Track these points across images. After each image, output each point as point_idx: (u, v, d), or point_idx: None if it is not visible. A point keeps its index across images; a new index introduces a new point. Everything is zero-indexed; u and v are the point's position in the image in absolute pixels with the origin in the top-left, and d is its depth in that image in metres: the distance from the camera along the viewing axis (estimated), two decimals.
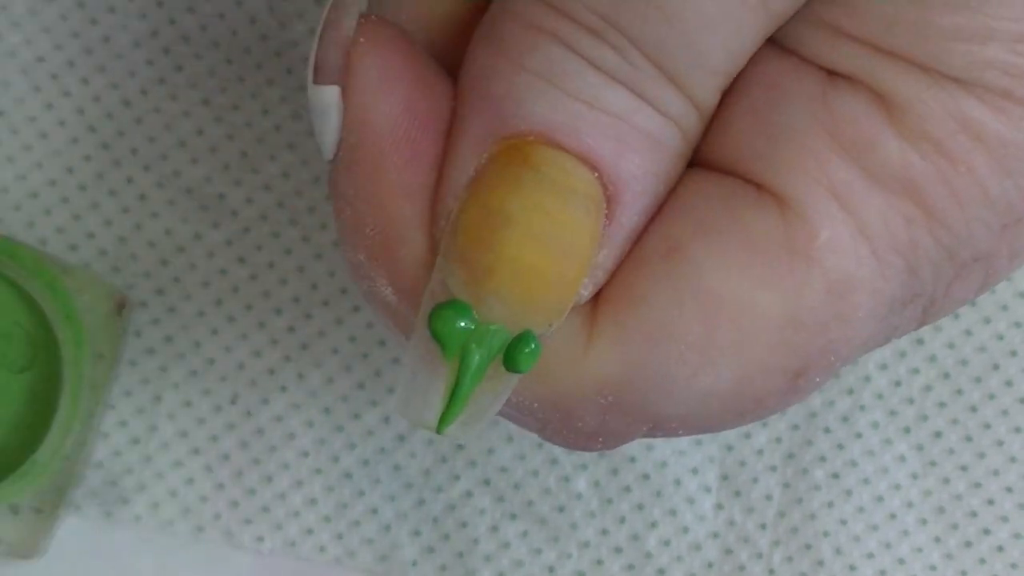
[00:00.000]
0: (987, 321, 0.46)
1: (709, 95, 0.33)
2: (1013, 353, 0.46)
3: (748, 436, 0.46)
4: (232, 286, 0.46)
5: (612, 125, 0.32)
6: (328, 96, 0.34)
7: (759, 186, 0.33)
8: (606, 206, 0.33)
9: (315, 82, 0.34)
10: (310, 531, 0.46)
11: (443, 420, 0.33)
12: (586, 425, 0.34)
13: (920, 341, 0.46)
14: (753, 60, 0.33)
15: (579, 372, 0.34)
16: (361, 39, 0.34)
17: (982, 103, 0.33)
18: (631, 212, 0.33)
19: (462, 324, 0.32)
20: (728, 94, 0.34)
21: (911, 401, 0.46)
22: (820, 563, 0.46)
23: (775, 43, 0.34)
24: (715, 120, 0.34)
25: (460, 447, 0.46)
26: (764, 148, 0.33)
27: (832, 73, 0.33)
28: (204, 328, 0.46)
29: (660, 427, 0.35)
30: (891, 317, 0.34)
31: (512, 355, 0.33)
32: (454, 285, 0.32)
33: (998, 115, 0.33)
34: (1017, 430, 0.46)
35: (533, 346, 0.33)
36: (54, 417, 0.42)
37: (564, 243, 0.32)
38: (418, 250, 0.34)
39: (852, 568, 0.46)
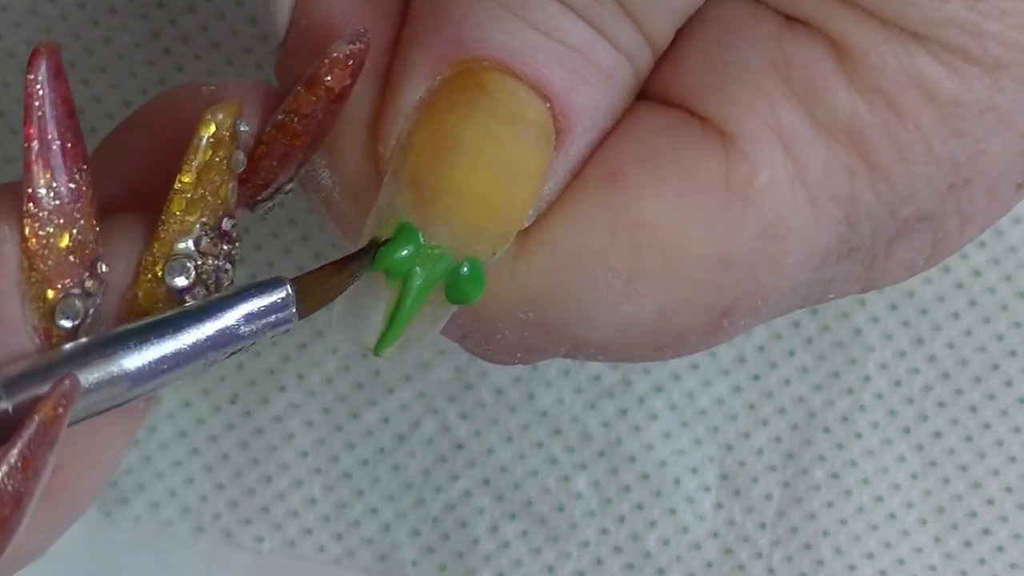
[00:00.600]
0: (987, 321, 0.46)
1: (665, 32, 0.33)
2: (1013, 353, 0.46)
3: (748, 436, 0.46)
4: None
5: (568, 57, 0.33)
6: None
7: (705, 121, 0.33)
8: (555, 137, 0.33)
9: None
10: (309, 531, 0.46)
11: (382, 342, 0.33)
12: (505, 339, 0.35)
13: (920, 341, 0.46)
14: None
15: (504, 285, 0.34)
16: None
17: (937, 61, 0.32)
18: (579, 144, 0.33)
19: (407, 250, 0.33)
20: (682, 30, 0.34)
21: (911, 401, 0.46)
22: (820, 563, 0.46)
23: None
24: (667, 54, 0.34)
25: (460, 447, 0.46)
26: (715, 84, 0.33)
27: (790, 18, 0.33)
28: None
29: (579, 350, 0.35)
30: (824, 268, 0.34)
31: (459, 285, 0.33)
32: (402, 205, 0.33)
33: (952, 74, 0.33)
34: (1017, 430, 0.46)
35: (479, 277, 0.33)
36: None
37: (514, 172, 0.33)
38: (361, 131, 0.34)
39: (852, 568, 0.46)
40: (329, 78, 0.33)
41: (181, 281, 0.32)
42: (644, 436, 0.46)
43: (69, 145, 0.30)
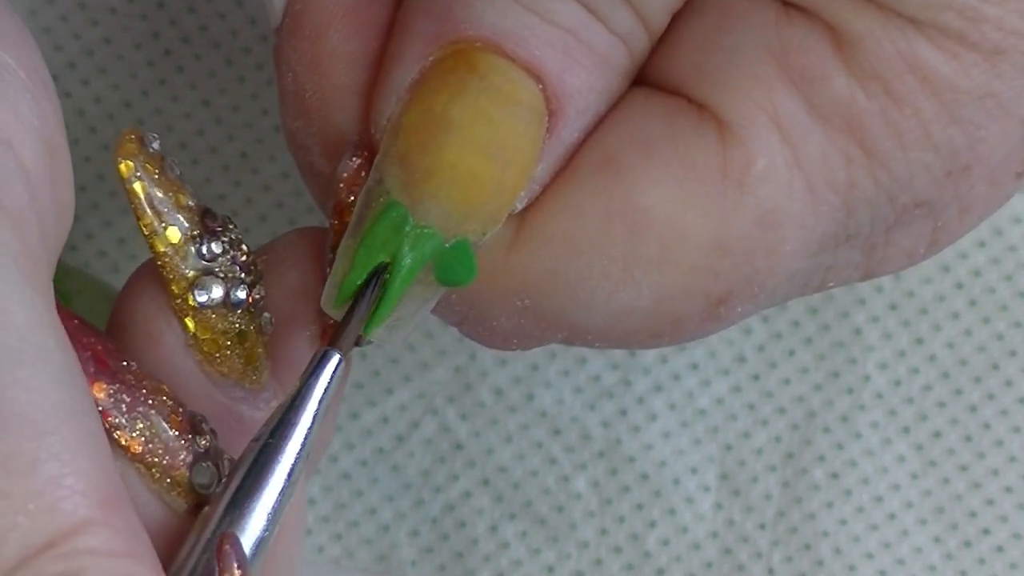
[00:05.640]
0: (987, 321, 0.46)
1: (660, 16, 0.33)
2: (1012, 353, 0.46)
3: (747, 436, 0.46)
4: None
5: (561, 38, 0.33)
6: None
7: (702, 107, 0.33)
8: (548, 119, 0.33)
9: None
10: (308, 531, 0.46)
11: (370, 322, 0.33)
12: (501, 325, 0.35)
13: (920, 341, 0.46)
14: None
15: (499, 273, 0.34)
16: None
17: (935, 46, 0.32)
18: (572, 128, 0.33)
19: (396, 230, 0.33)
20: (680, 15, 0.34)
21: (911, 401, 0.46)
22: (819, 563, 0.46)
23: None
24: (665, 40, 0.34)
25: (459, 447, 0.46)
26: (712, 70, 0.33)
27: (787, 4, 0.33)
28: None
29: (576, 336, 0.35)
30: (822, 255, 0.34)
31: (448, 266, 0.33)
32: (392, 185, 0.33)
33: (950, 60, 0.32)
34: (1016, 430, 0.46)
35: (468, 258, 0.33)
36: None
37: (505, 152, 0.32)
38: (353, 118, 0.34)
39: (851, 568, 0.46)
40: (352, 198, 0.33)
41: (217, 291, 0.33)
42: (644, 436, 0.46)
43: (103, 354, 0.31)
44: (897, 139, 0.33)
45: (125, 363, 0.32)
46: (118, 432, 0.31)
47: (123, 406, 0.31)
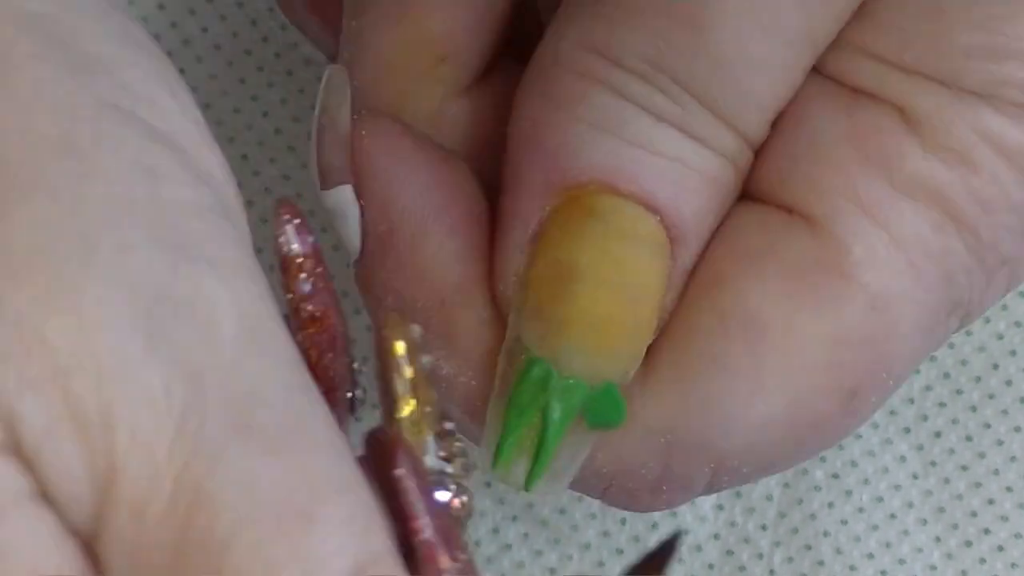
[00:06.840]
0: (987, 321, 0.46)
1: (759, 129, 0.34)
2: (1012, 353, 0.46)
3: None
4: None
5: (669, 168, 0.33)
6: (342, 196, 0.35)
7: (790, 209, 0.34)
8: (669, 247, 0.33)
9: (323, 188, 0.35)
10: None
11: (530, 477, 0.34)
12: (650, 472, 0.35)
13: None
14: None
15: (637, 411, 0.34)
16: (363, 132, 0.34)
17: (1001, 114, 0.33)
18: (691, 251, 0.34)
19: (541, 385, 0.33)
20: None
21: (911, 401, 0.46)
22: (820, 563, 0.46)
23: None
24: None
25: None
26: (790, 169, 0.34)
27: (855, 91, 0.34)
28: None
29: (723, 466, 0.35)
30: (938, 328, 0.35)
31: (598, 411, 0.33)
32: (530, 340, 0.33)
33: (1017, 124, 0.33)
34: (1017, 429, 0.46)
35: (616, 399, 0.33)
36: None
37: (635, 289, 0.33)
38: (480, 310, 0.34)
39: (852, 568, 0.46)
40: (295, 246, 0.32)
41: (443, 496, 0.31)
42: None
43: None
44: (980, 204, 0.34)
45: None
46: None
47: None
